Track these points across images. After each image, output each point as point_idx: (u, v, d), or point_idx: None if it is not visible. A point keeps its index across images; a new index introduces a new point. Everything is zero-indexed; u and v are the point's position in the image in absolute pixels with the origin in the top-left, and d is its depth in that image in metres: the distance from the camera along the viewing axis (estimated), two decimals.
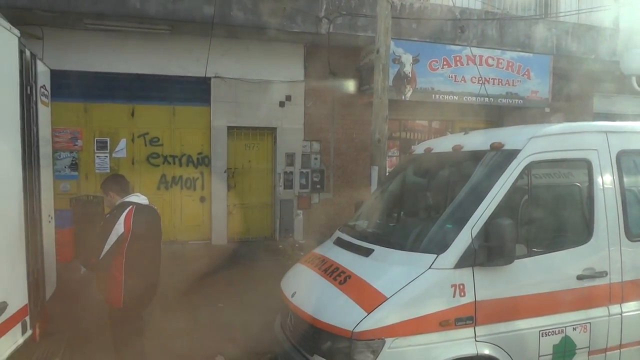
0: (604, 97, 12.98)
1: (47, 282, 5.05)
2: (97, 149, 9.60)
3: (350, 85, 10.65)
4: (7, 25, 3.95)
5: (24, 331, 4.06)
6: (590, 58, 11.56)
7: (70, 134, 9.39)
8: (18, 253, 4.04)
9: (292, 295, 4.19)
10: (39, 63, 5.07)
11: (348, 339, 3.37)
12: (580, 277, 3.80)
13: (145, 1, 8.33)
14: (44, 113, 5.34)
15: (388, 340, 3.33)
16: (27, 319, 4.11)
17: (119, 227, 4.06)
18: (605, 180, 4.01)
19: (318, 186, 10.80)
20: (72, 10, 8.05)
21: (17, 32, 4.12)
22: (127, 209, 4.16)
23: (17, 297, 3.95)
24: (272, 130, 10.57)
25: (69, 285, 5.72)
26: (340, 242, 4.59)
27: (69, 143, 9.39)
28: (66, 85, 9.15)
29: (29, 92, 4.58)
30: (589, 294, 3.83)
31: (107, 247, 4.04)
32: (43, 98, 5.27)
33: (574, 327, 3.75)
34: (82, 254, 4.74)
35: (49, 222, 5.43)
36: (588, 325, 3.80)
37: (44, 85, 5.40)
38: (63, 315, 5.51)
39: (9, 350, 3.76)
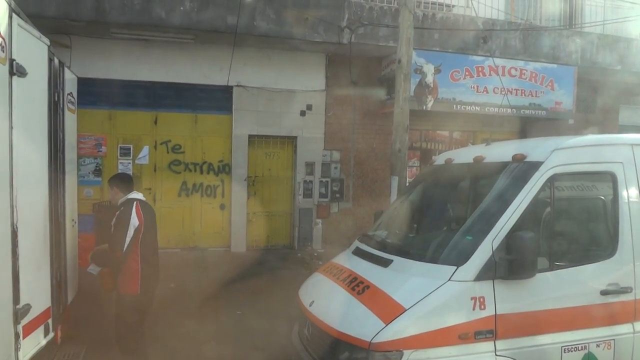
0: (629, 109, 12.76)
1: (69, 285, 5.14)
2: (120, 156, 9.75)
3: (372, 95, 10.65)
4: (37, 34, 4.06)
5: (46, 333, 4.13)
6: (616, 69, 11.38)
7: (95, 141, 9.56)
8: (42, 256, 4.12)
9: (310, 305, 4.18)
10: (66, 71, 5.19)
11: (366, 350, 3.34)
12: (604, 293, 3.71)
13: (170, 11, 8.48)
14: (71, 120, 5.47)
15: (406, 353, 3.29)
16: (50, 321, 4.18)
17: (135, 221, 4.45)
18: (631, 193, 3.92)
19: (337, 195, 10.79)
20: (100, 20, 8.24)
21: (46, 40, 4.23)
22: (134, 204, 4.54)
23: (41, 300, 4.02)
24: (292, 139, 10.62)
25: (91, 290, 5.79)
26: (359, 252, 4.57)
27: (93, 149, 9.56)
28: (92, 93, 9.34)
29: (56, 99, 4.69)
30: (613, 310, 3.74)
31: (127, 239, 4.39)
32: (70, 105, 5.39)
33: (598, 343, 3.67)
34: (98, 253, 4.83)
35: (73, 226, 5.53)
36: (612, 342, 3.70)
37: (71, 93, 5.53)
38: (84, 319, 5.60)
39: (32, 351, 3.83)
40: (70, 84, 5.42)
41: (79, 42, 8.92)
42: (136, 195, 4.75)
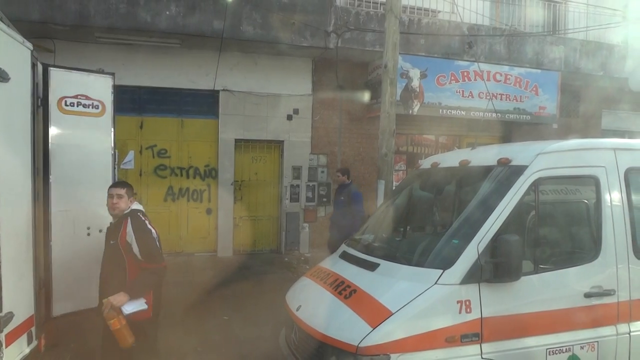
0: (612, 114, 12.96)
1: (75, 296, 5.11)
2: None
3: (358, 99, 10.70)
4: (20, 38, 4.02)
5: (29, 341, 4.07)
6: (598, 75, 11.57)
7: None
8: (25, 264, 4.06)
9: (297, 309, 4.17)
10: (73, 73, 5.28)
11: (353, 354, 3.35)
12: (587, 295, 3.76)
13: (156, 15, 8.45)
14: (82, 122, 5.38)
15: (393, 356, 3.30)
16: (33, 329, 4.12)
17: (153, 231, 4.05)
18: (613, 197, 3.98)
19: (324, 199, 10.80)
20: (84, 24, 8.18)
21: (29, 45, 4.19)
22: (142, 215, 4.15)
23: (24, 308, 3.97)
24: (279, 144, 10.62)
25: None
26: (346, 256, 4.58)
27: None
28: None
29: (39, 104, 4.65)
30: (596, 312, 3.78)
31: (160, 250, 4.07)
32: (69, 107, 5.25)
33: (582, 345, 3.70)
34: (142, 275, 3.94)
35: (88, 235, 5.31)
36: (596, 344, 3.74)
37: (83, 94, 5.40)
38: (68, 328, 5.52)
39: (15, 359, 3.77)
40: (71, 84, 5.22)
41: (62, 46, 8.82)
42: (140, 206, 4.29)
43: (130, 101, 9.71)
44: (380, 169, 7.41)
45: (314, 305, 4.10)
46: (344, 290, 3.93)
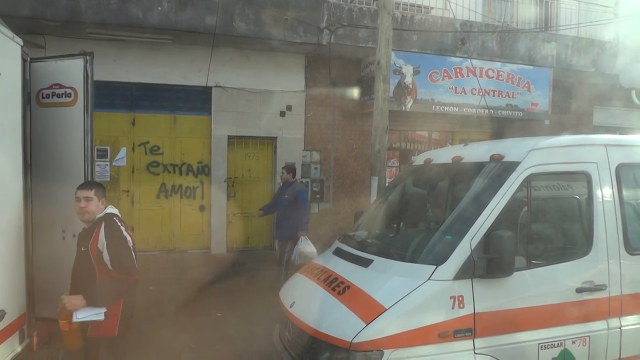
0: (603, 110, 13.02)
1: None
2: (97, 158, 9.57)
3: (351, 96, 10.69)
4: (10, 34, 3.99)
5: (21, 339, 4.05)
6: (590, 71, 11.62)
7: None
8: (17, 262, 4.04)
9: (291, 306, 4.17)
10: (49, 61, 4.92)
11: (347, 350, 3.36)
12: (579, 290, 3.79)
13: (147, 11, 8.39)
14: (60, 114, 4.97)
15: (387, 352, 3.31)
16: (25, 327, 4.10)
17: (129, 239, 3.63)
18: (605, 193, 4.01)
19: (318, 196, 10.80)
20: (74, 20, 8.10)
21: (19, 40, 4.15)
22: (118, 220, 3.72)
23: (16, 306, 3.94)
24: (272, 140, 10.60)
25: None
26: (339, 253, 4.59)
27: None
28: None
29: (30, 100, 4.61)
30: (588, 307, 3.81)
31: (135, 260, 3.60)
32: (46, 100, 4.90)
33: (573, 340, 3.74)
34: (111, 283, 3.58)
35: (63, 238, 4.88)
36: (587, 338, 3.78)
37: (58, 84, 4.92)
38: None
39: (7, 358, 3.75)
40: (47, 75, 4.85)
41: (53, 42, 8.74)
42: (114, 210, 3.85)
43: (122, 97, 9.65)
44: (373, 166, 7.42)
45: (307, 302, 4.11)
46: (337, 286, 3.94)
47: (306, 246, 7.61)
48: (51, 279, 4.49)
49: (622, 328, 3.90)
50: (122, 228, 3.66)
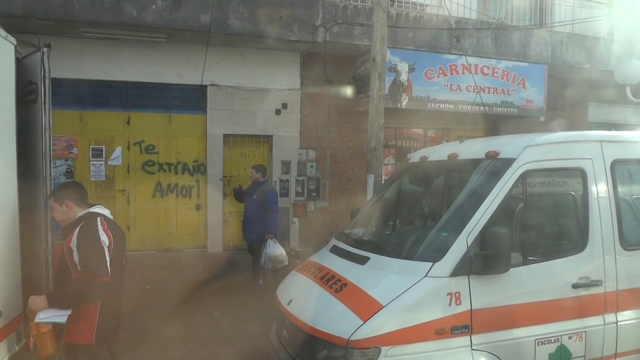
0: (598, 107, 13.06)
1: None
2: (92, 157, 9.56)
3: (347, 93, 10.68)
4: (4, 33, 3.97)
5: (18, 340, 4.04)
6: (584, 67, 11.65)
7: (66, 142, 9.36)
8: (13, 262, 4.02)
9: (288, 304, 4.18)
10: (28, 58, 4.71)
11: (344, 348, 3.36)
12: (575, 286, 3.80)
13: (142, 10, 8.35)
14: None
15: (384, 349, 3.32)
16: (22, 327, 4.09)
17: (105, 239, 3.38)
18: (600, 189, 4.02)
19: (314, 194, 10.80)
20: (68, 19, 8.06)
21: (13, 40, 4.13)
22: (99, 220, 3.49)
23: (13, 306, 3.93)
24: (268, 138, 10.58)
25: None
26: (336, 250, 4.59)
27: (64, 151, 9.36)
28: (62, 93, 9.12)
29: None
30: (584, 303, 3.83)
31: (107, 261, 3.33)
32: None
33: (570, 335, 3.75)
34: (77, 284, 3.37)
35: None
36: (583, 334, 3.80)
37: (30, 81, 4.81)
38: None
39: (4, 357, 3.74)
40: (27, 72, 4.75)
41: (47, 41, 8.66)
42: (100, 210, 3.62)
43: (117, 96, 9.61)
44: (369, 163, 7.42)
45: (304, 300, 4.11)
46: (334, 284, 3.94)
47: (275, 249, 7.49)
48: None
49: (619, 323, 3.91)
50: (100, 228, 3.42)
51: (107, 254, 3.35)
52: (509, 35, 11.07)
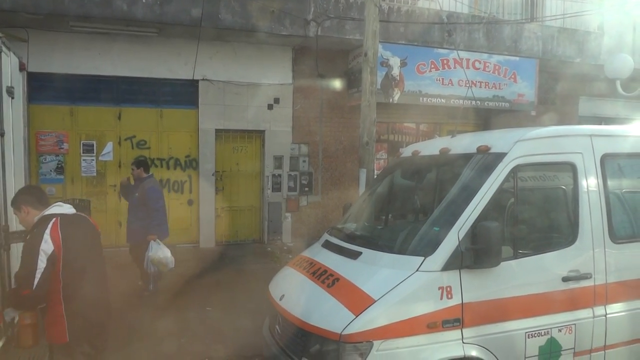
0: (589, 101, 13.14)
1: None
2: (83, 152, 9.51)
3: (339, 88, 10.68)
4: None
5: None
6: (575, 62, 11.71)
7: (56, 137, 9.29)
8: None
9: (281, 299, 4.18)
10: None
11: (336, 342, 3.37)
12: (565, 279, 3.83)
13: (132, 4, 8.29)
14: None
15: (376, 343, 3.33)
16: (2, 325, 4.05)
17: (47, 246, 3.26)
18: (590, 183, 4.05)
19: (306, 189, 10.80)
20: (57, 13, 7.98)
21: None
22: (51, 222, 3.37)
23: None
24: (260, 133, 10.56)
25: None
26: (328, 245, 4.60)
27: (54, 146, 9.30)
28: (51, 88, 9.10)
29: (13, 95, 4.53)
30: (574, 296, 3.86)
31: (38, 273, 3.21)
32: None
33: (560, 328, 3.79)
34: (10, 292, 3.69)
35: None
36: (573, 326, 3.83)
37: None
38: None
39: None
40: None
41: (36, 35, 8.63)
42: (59, 209, 3.53)
43: (107, 91, 9.55)
44: (361, 158, 7.43)
45: (297, 295, 4.12)
46: (326, 279, 3.95)
47: (158, 251, 6.72)
48: None
49: (607, 316, 3.95)
50: (47, 234, 3.31)
51: (41, 266, 3.23)
52: (501, 29, 11.09)
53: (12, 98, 4.58)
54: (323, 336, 3.47)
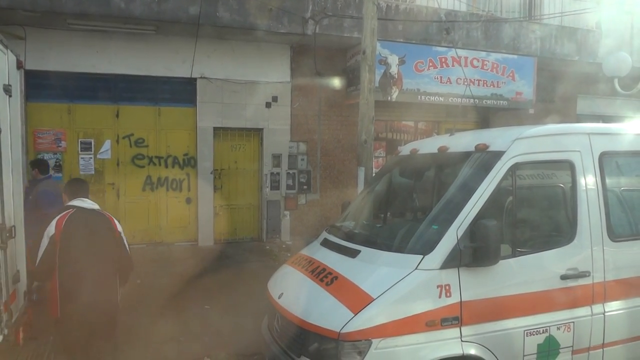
0: (587, 99, 13.16)
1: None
2: (81, 150, 9.49)
3: (337, 86, 10.67)
4: None
5: None
6: (573, 60, 11.72)
7: (54, 135, 9.27)
8: None
9: (279, 297, 4.18)
10: None
11: (335, 340, 3.38)
12: (564, 277, 3.84)
13: (130, 1, 8.27)
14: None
15: (375, 341, 3.33)
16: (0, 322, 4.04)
17: (50, 229, 3.79)
18: (588, 181, 4.06)
19: (305, 187, 10.80)
20: (54, 10, 7.95)
21: None
22: (64, 212, 3.92)
23: None
24: (258, 131, 10.55)
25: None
26: (327, 243, 4.60)
27: (52, 144, 9.28)
28: (49, 86, 9.07)
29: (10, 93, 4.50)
30: (572, 294, 3.87)
31: (41, 251, 3.75)
32: None
33: (558, 326, 3.79)
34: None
35: None
36: (572, 324, 3.84)
37: None
38: (47, 320, 5.44)
39: None
40: None
41: (34, 33, 8.61)
42: (78, 202, 4.05)
43: (105, 89, 9.53)
44: (359, 156, 7.42)
45: (295, 293, 4.12)
46: (325, 277, 3.95)
47: None
48: None
49: (606, 314, 3.96)
50: (54, 221, 3.83)
51: (43, 245, 3.77)
52: (499, 27, 11.09)
53: (10, 96, 4.56)
54: (322, 334, 3.47)
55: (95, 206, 4.13)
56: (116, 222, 4.17)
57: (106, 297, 3.96)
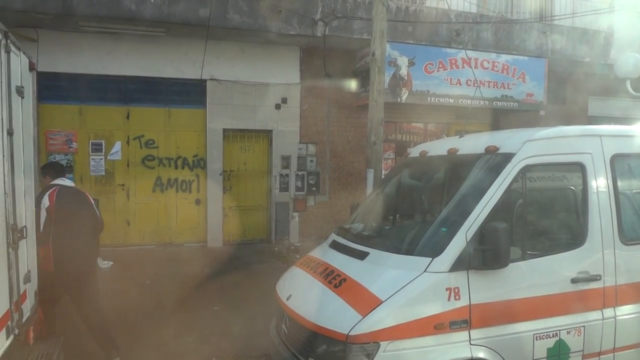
0: (598, 100, 13.04)
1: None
2: (92, 152, 9.57)
3: (346, 88, 10.67)
4: None
5: (8, 336, 4.02)
6: (585, 61, 11.62)
7: (65, 136, 9.36)
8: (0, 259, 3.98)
9: (288, 299, 4.18)
10: None
11: (343, 343, 3.36)
12: (574, 281, 3.80)
13: (140, 3, 8.33)
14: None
15: (383, 344, 3.32)
16: (10, 323, 4.06)
17: (45, 201, 4.81)
18: (599, 183, 4.01)
19: (314, 189, 10.80)
20: (66, 13, 8.04)
21: (1, 26, 4.04)
22: (52, 189, 4.92)
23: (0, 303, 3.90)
24: (267, 133, 10.57)
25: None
26: (335, 245, 4.59)
27: (63, 145, 9.36)
28: (61, 88, 9.17)
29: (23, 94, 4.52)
30: (583, 298, 3.83)
31: (42, 221, 4.73)
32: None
33: (568, 330, 3.75)
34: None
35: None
36: (582, 328, 3.80)
37: None
38: (59, 319, 5.48)
39: None
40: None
41: (46, 35, 8.70)
42: (60, 181, 5.11)
43: (116, 91, 9.61)
44: (369, 158, 7.41)
45: (304, 295, 4.11)
46: (333, 279, 3.94)
47: None
48: None
49: (617, 318, 3.91)
50: (47, 196, 4.83)
51: (43, 215, 4.75)
52: (509, 28, 11.04)
53: (22, 98, 4.58)
54: (330, 337, 3.46)
55: (73, 184, 5.36)
56: (89, 196, 5.35)
57: (90, 249, 5.16)
